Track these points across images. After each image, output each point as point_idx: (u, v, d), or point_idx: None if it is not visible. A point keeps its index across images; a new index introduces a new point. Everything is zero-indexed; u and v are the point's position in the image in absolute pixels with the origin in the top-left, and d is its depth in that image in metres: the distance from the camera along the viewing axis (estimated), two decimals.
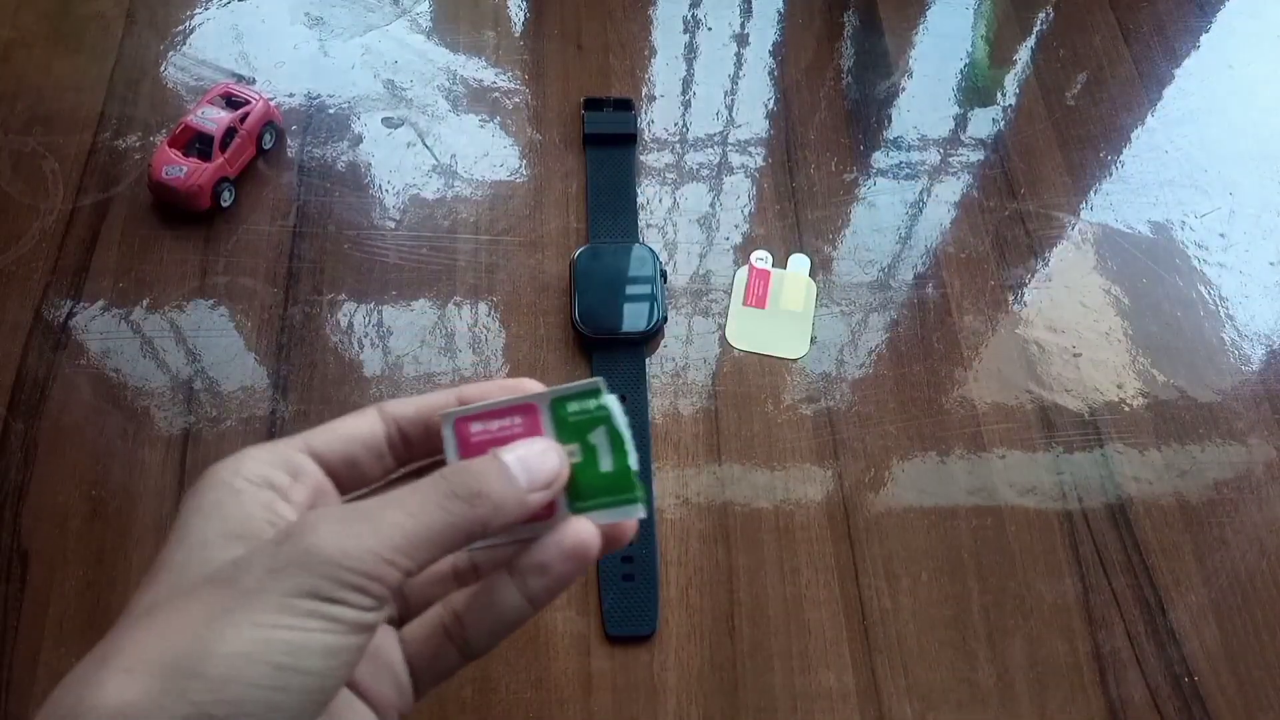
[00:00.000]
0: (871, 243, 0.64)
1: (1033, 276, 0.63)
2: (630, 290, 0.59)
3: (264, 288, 0.59)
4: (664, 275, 0.60)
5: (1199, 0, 0.78)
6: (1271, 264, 0.65)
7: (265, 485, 0.27)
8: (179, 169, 0.59)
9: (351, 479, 0.29)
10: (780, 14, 0.74)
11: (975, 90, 0.71)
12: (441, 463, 0.29)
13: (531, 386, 0.30)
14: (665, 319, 0.58)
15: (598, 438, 0.29)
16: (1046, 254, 0.64)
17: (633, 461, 0.29)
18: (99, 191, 0.62)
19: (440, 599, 0.31)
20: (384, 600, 0.25)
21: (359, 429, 0.29)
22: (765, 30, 0.73)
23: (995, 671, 0.50)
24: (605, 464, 0.29)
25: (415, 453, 0.30)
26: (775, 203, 0.65)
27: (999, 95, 0.71)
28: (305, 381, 0.56)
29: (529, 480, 0.27)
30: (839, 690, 0.49)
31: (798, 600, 0.51)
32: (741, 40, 0.73)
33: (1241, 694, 0.50)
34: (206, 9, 0.71)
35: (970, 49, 0.74)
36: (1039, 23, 0.76)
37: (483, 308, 0.59)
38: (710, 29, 0.73)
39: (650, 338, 0.58)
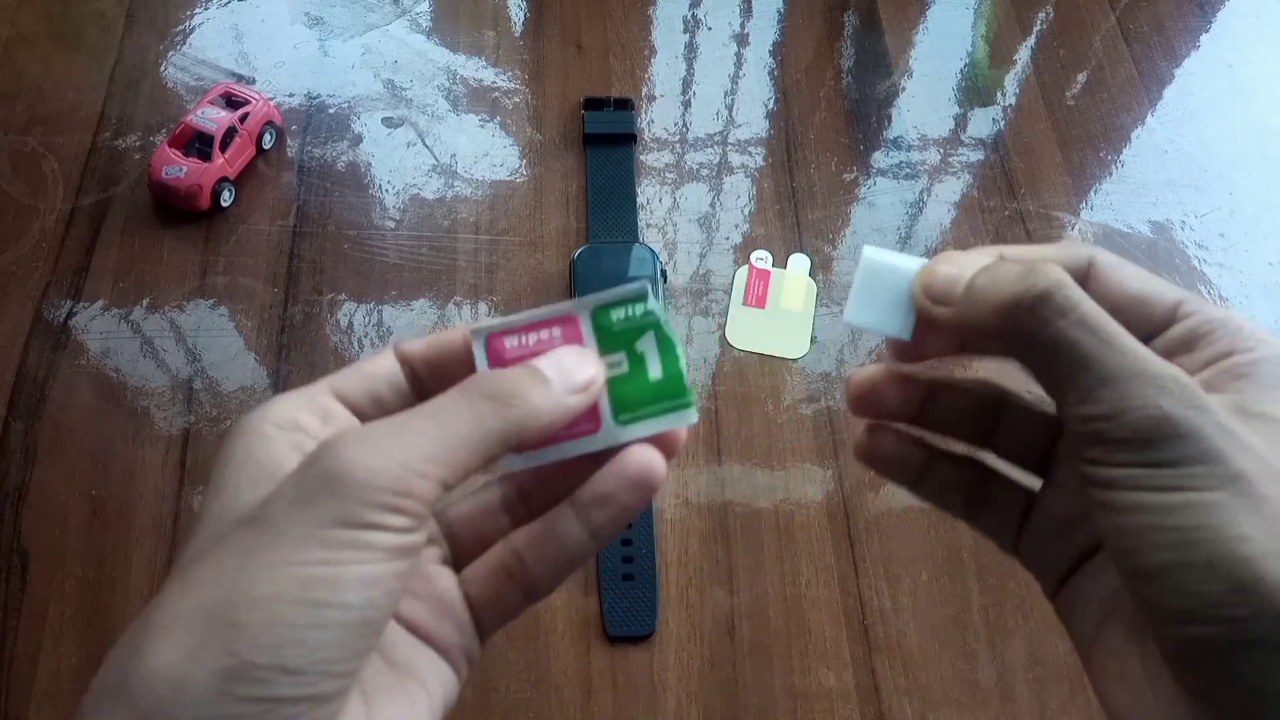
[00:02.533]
0: (871, 242, 0.64)
1: None
2: None
3: (264, 287, 0.59)
4: (664, 275, 0.60)
5: (1199, 0, 0.78)
6: (1271, 264, 0.65)
7: (294, 428, 0.26)
8: (179, 169, 0.59)
9: (379, 415, 0.27)
10: (780, 14, 0.74)
11: (975, 90, 0.71)
12: None
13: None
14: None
15: (645, 344, 0.27)
16: None
17: (684, 365, 0.28)
18: (99, 191, 0.61)
19: (494, 537, 0.29)
20: (421, 518, 0.23)
21: (380, 367, 0.28)
22: (765, 30, 0.73)
23: (995, 671, 0.50)
24: (654, 370, 0.27)
25: (434, 391, 0.28)
26: (775, 203, 0.65)
27: (999, 95, 0.71)
28: (305, 381, 0.55)
29: (565, 383, 0.26)
30: (839, 690, 0.49)
31: (797, 600, 0.51)
32: (741, 40, 0.73)
33: None
34: (206, 9, 0.70)
35: (970, 49, 0.74)
36: (1039, 23, 0.76)
37: (483, 308, 0.59)
38: (710, 29, 0.73)
39: None
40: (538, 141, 0.66)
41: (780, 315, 0.60)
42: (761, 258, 0.62)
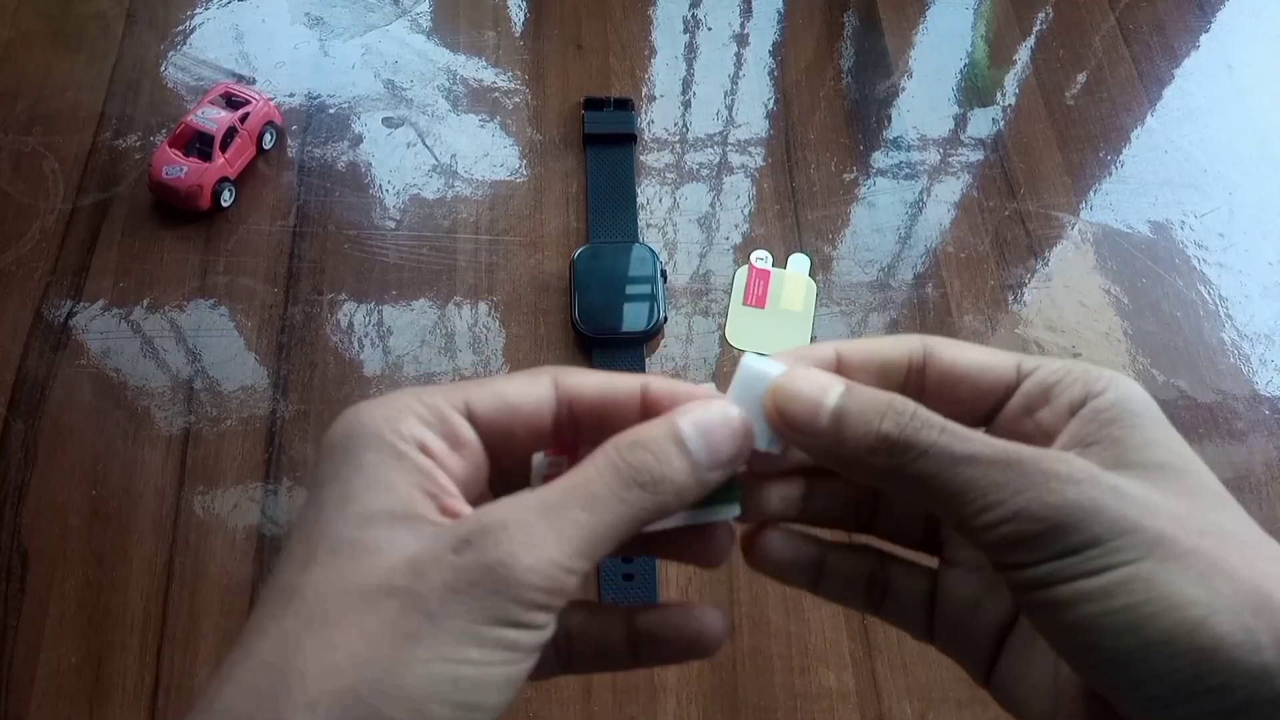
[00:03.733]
0: (871, 242, 0.64)
1: (1032, 276, 0.63)
2: (630, 290, 0.59)
3: (264, 287, 0.59)
4: (664, 275, 0.60)
5: (1199, 0, 0.78)
6: (1271, 264, 0.65)
7: (420, 448, 0.24)
8: (179, 169, 0.59)
9: (503, 449, 0.26)
10: (780, 14, 0.74)
11: (975, 90, 0.71)
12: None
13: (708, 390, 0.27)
14: (665, 319, 0.58)
15: None
16: (1046, 254, 0.64)
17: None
18: (99, 191, 0.62)
19: None
20: (558, 611, 0.23)
21: (527, 400, 0.25)
22: (765, 30, 0.73)
23: None
24: None
25: (582, 436, 0.27)
26: (775, 202, 0.65)
27: (999, 95, 0.71)
28: (305, 381, 0.56)
29: (709, 458, 0.24)
30: (839, 690, 0.49)
31: (797, 600, 0.51)
32: (741, 40, 0.73)
33: None
34: (207, 9, 0.71)
35: (970, 49, 0.74)
36: (1039, 23, 0.76)
37: (483, 307, 0.59)
38: (710, 29, 0.73)
39: (650, 337, 0.58)
40: (538, 141, 0.66)
41: (780, 315, 0.60)
42: (761, 258, 0.62)
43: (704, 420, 0.25)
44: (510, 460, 0.27)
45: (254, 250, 0.60)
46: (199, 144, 0.60)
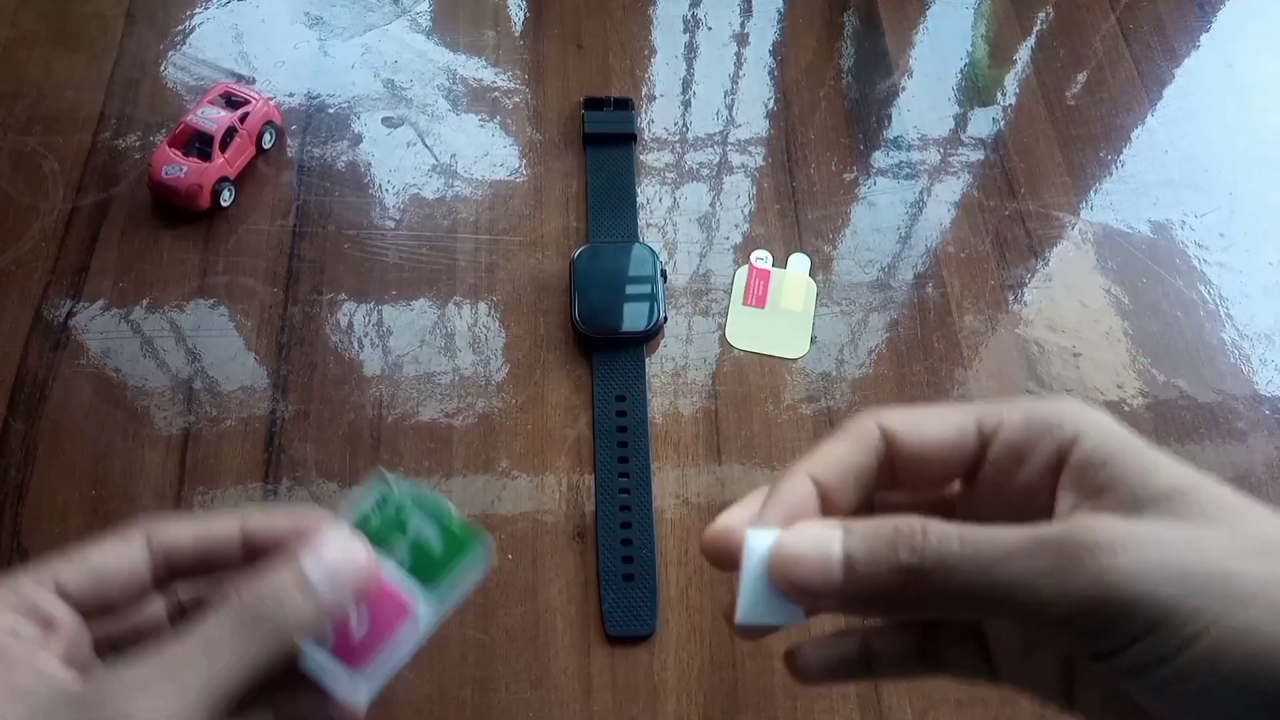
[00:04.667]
0: (871, 242, 0.64)
1: (1033, 276, 0.63)
2: (630, 290, 0.59)
3: (264, 287, 0.59)
4: (664, 275, 0.60)
5: (1199, 0, 0.78)
6: (1271, 264, 0.65)
7: (12, 636, 0.24)
8: (179, 169, 0.59)
9: (104, 613, 0.26)
10: (780, 13, 0.74)
11: (975, 90, 0.71)
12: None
13: (315, 517, 0.27)
14: (665, 319, 0.58)
15: (415, 523, 0.28)
16: (1046, 254, 0.64)
17: (453, 515, 0.28)
18: (99, 191, 0.61)
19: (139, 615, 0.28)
20: None
21: (118, 565, 0.26)
22: (765, 30, 0.73)
23: None
24: (434, 540, 0.28)
25: (186, 579, 0.27)
26: (775, 202, 0.65)
27: (999, 95, 0.71)
28: (305, 381, 0.56)
29: (335, 594, 0.25)
30: (839, 690, 0.49)
31: None
32: (741, 40, 0.73)
33: None
34: (206, 8, 0.70)
35: (970, 48, 0.74)
36: (1039, 22, 0.76)
37: (483, 307, 0.59)
38: (710, 28, 0.73)
39: (650, 337, 0.58)
40: (537, 141, 0.66)
41: (780, 315, 0.60)
42: (761, 257, 0.62)
43: (328, 558, 0.25)
44: (116, 625, 0.27)
45: (253, 250, 0.60)
46: (198, 144, 0.60)
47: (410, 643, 0.27)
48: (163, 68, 0.67)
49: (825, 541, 0.24)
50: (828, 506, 0.26)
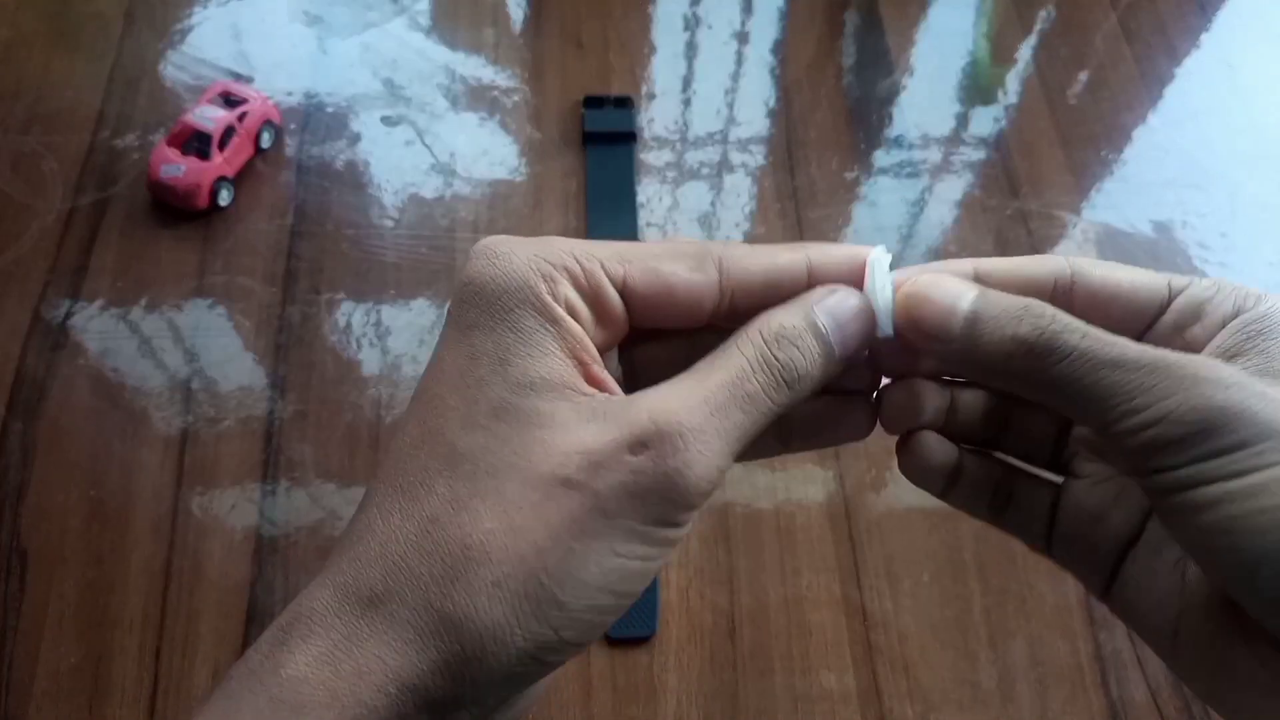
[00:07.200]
0: (873, 241, 0.63)
1: None
2: None
3: (262, 287, 0.59)
4: None
5: (1200, 0, 0.78)
6: (1272, 264, 0.65)
7: (573, 315, 0.24)
8: (177, 168, 0.59)
9: (644, 324, 0.26)
10: (781, 12, 0.74)
11: (977, 89, 0.71)
12: None
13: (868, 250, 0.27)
14: None
15: None
16: (1048, 253, 0.64)
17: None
18: (97, 191, 0.61)
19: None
20: None
21: (690, 290, 0.25)
22: (766, 28, 0.73)
23: (997, 673, 0.50)
24: None
25: (739, 319, 0.25)
26: (776, 201, 0.65)
27: (1000, 94, 0.71)
28: (304, 381, 0.56)
29: (842, 351, 0.25)
30: (840, 692, 0.49)
31: (798, 601, 0.51)
32: (742, 38, 0.72)
33: None
34: (205, 8, 0.70)
35: (972, 47, 0.73)
36: (1040, 21, 0.75)
37: None
38: (711, 27, 0.73)
39: None
40: (537, 140, 0.66)
41: None
42: None
43: (841, 312, 0.25)
44: (638, 334, 0.27)
45: (252, 250, 0.60)
46: (197, 143, 0.60)
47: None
48: (161, 67, 0.67)
49: (956, 294, 0.24)
50: None
